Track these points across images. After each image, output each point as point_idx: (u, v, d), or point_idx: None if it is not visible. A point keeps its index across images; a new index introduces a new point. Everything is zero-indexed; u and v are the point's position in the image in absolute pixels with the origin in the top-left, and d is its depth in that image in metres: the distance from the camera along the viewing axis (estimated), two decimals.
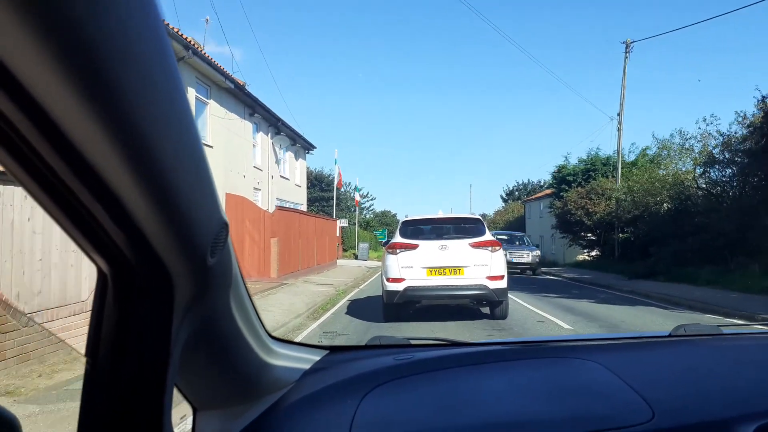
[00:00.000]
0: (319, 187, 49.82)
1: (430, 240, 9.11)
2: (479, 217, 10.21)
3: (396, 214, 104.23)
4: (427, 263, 8.79)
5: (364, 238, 56.58)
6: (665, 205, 21.02)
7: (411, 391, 1.19)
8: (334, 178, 50.31)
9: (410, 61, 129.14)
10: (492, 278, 8.70)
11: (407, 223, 9.76)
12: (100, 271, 0.68)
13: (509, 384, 1.24)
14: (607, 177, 31.16)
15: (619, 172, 27.38)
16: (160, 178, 0.56)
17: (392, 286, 8.83)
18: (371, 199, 75.65)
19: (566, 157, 34.73)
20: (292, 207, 23.07)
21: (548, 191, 39.39)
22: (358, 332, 8.41)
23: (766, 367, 1.33)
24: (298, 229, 20.12)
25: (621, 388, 1.14)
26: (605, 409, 1.09)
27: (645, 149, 30.86)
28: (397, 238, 9.29)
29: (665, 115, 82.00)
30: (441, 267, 8.76)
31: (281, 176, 24.75)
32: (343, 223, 44.17)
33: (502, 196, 77.07)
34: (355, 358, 1.40)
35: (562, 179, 33.65)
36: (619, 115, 27.32)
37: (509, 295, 9.63)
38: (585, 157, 33.82)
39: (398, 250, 9.00)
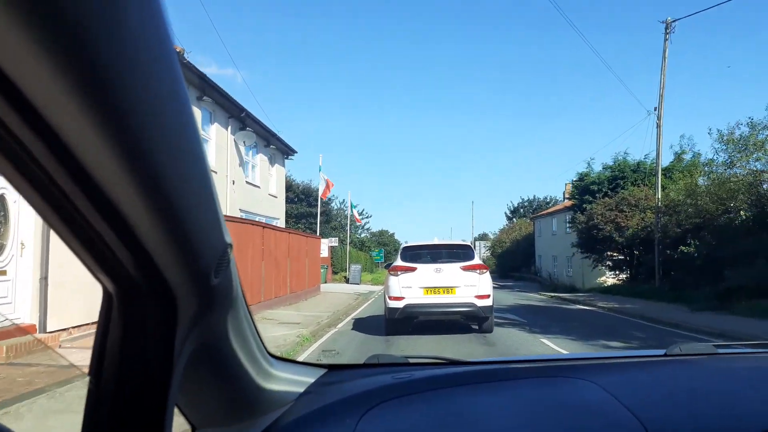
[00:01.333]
0: (307, 201, 44.94)
1: (426, 263, 10.44)
2: (469, 244, 11.85)
3: (394, 233, 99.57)
4: (424, 284, 10.11)
5: (358, 258, 51.72)
6: (741, 213, 16.24)
7: (409, 409, 1.20)
8: (315, 190, 46.49)
9: (413, 78, 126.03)
10: (479, 297, 10.05)
11: (407, 249, 11.17)
12: (105, 291, 0.69)
13: (506, 403, 1.25)
14: (637, 185, 26.58)
15: (659, 177, 22.73)
16: (166, 199, 0.57)
17: (393, 304, 10.15)
18: (367, 217, 71.08)
19: (589, 164, 30.05)
20: (261, 221, 18.40)
21: (566, 204, 34.65)
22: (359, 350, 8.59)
23: (761, 387, 1.32)
24: (261, 247, 15.36)
25: (615, 407, 1.15)
26: (599, 429, 1.11)
27: (681, 153, 26.27)
28: (398, 262, 10.63)
29: (692, 111, 77.23)
30: (436, 287, 10.10)
31: (248, 182, 20.11)
32: (332, 242, 39.39)
33: (506, 214, 73.06)
34: (353, 377, 1.41)
35: (585, 189, 28.91)
36: (656, 109, 22.81)
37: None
38: (611, 163, 29.06)
39: (399, 273, 10.32)
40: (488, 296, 10.19)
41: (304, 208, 43.87)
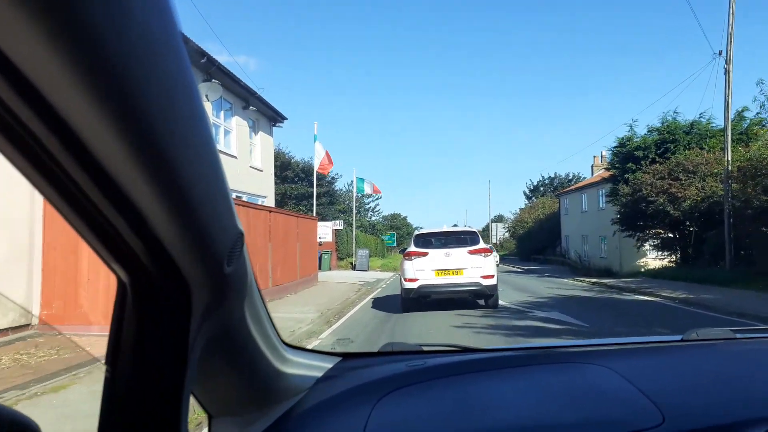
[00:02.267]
0: (309, 181, 40.86)
1: (437, 248, 11.80)
2: (475, 230, 13.04)
3: (406, 216, 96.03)
4: (435, 266, 11.42)
5: (367, 243, 47.75)
6: None
7: (423, 397, 1.20)
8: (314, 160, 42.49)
9: (431, 57, 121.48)
10: (485, 277, 11.35)
11: (419, 236, 12.49)
12: (119, 280, 0.70)
13: (520, 390, 1.25)
14: (691, 149, 22.31)
15: (729, 134, 18.44)
16: (178, 189, 0.58)
17: (409, 285, 11.47)
18: (377, 199, 67.08)
19: (631, 127, 25.53)
20: (247, 200, 14.57)
21: (601, 175, 30.34)
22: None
23: None
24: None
25: (632, 393, 1.15)
26: (615, 414, 1.10)
27: (742, 110, 21.93)
28: (412, 248, 11.97)
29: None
30: (446, 269, 11.40)
31: (222, 152, 16.22)
32: (337, 225, 35.53)
33: (525, 193, 68.97)
34: (367, 365, 1.41)
35: (627, 156, 24.56)
36: (723, 52, 18.45)
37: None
38: (658, 125, 24.61)
39: (413, 257, 11.63)
40: (492, 276, 11.42)
41: (305, 188, 39.80)
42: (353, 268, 33.49)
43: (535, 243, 43.66)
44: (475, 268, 11.32)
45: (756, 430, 1.00)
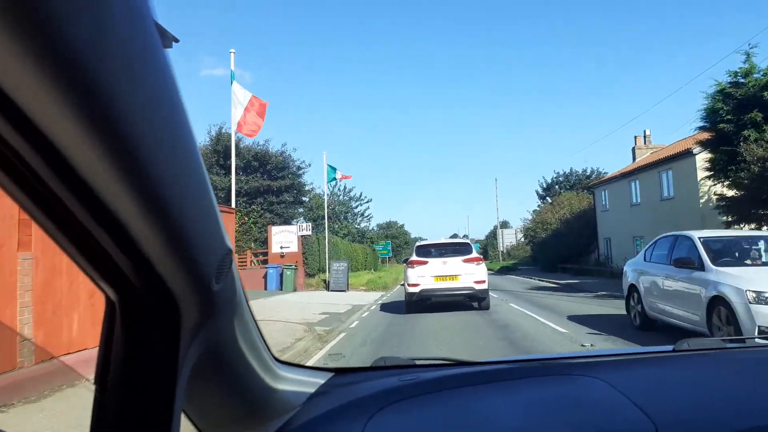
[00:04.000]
0: (265, 171, 31.67)
1: (436, 257, 13.36)
2: (468, 242, 15.34)
3: (403, 225, 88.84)
4: (434, 273, 13.02)
5: (352, 253, 38.71)
6: None
7: (417, 411, 1.20)
8: (288, 158, 33.22)
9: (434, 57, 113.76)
10: (477, 282, 13.02)
11: (420, 247, 14.10)
12: (107, 299, 0.70)
13: (513, 403, 1.25)
14: None
15: None
16: (165, 206, 0.57)
17: (411, 289, 13.12)
18: (367, 202, 58.02)
19: (748, 56, 16.12)
20: None
21: (695, 138, 21.07)
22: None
23: None
24: None
25: (624, 404, 1.15)
26: (608, 426, 1.10)
27: None
28: (414, 257, 13.53)
29: None
30: (443, 275, 13.02)
31: None
32: (304, 229, 26.54)
33: (538, 192, 60.09)
34: (360, 380, 1.41)
35: (745, 102, 15.47)
36: None
37: None
38: None
39: (415, 265, 13.22)
40: (484, 281, 13.14)
41: (259, 180, 30.75)
42: (326, 287, 24.49)
43: (562, 249, 34.53)
44: (469, 274, 12.99)
45: None
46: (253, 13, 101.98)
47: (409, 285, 13.21)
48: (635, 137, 32.55)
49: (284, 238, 25.38)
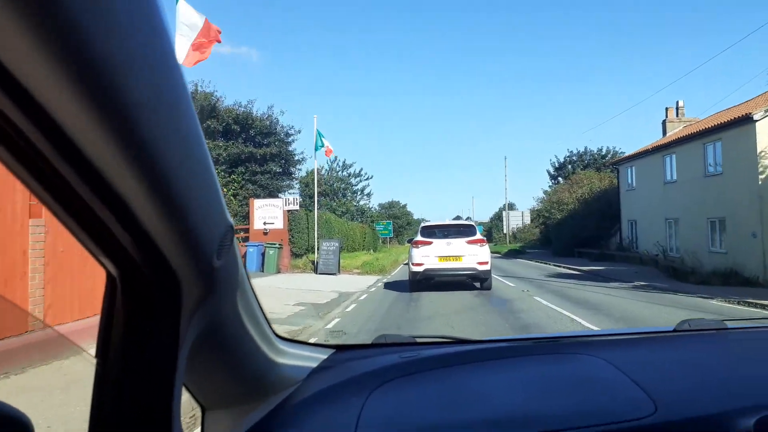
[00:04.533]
0: (248, 137, 27.96)
1: (440, 238, 13.42)
2: (472, 223, 15.90)
3: (406, 204, 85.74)
4: (438, 253, 13.07)
5: (348, 232, 35.57)
6: None
7: (417, 388, 1.20)
8: (275, 123, 29.42)
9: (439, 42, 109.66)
10: (480, 263, 13.08)
11: (425, 228, 14.26)
12: (108, 274, 0.70)
13: (513, 380, 1.25)
14: None
15: None
16: (166, 182, 0.58)
17: (416, 269, 13.22)
18: (367, 178, 54.65)
19: None
20: None
21: (754, 103, 17.77)
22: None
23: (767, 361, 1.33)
24: None
25: (624, 383, 1.15)
26: (608, 404, 1.10)
27: None
28: (419, 237, 13.66)
29: None
30: (447, 256, 13.05)
31: None
32: (291, 203, 23.32)
33: (549, 172, 56.77)
34: (361, 357, 1.41)
35: None
36: None
37: None
38: None
39: (420, 245, 13.30)
40: (487, 262, 13.16)
41: (241, 147, 26.95)
42: (314, 269, 21.34)
43: (580, 231, 31.24)
44: (472, 255, 13.07)
45: (746, 419, 1.02)
46: None
47: (413, 264, 13.36)
48: (666, 109, 29.05)
49: (268, 213, 22.14)
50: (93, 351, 0.73)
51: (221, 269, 0.75)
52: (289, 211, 22.50)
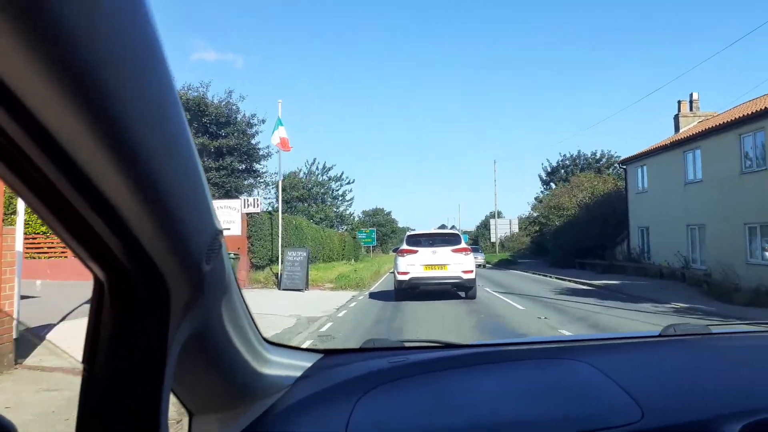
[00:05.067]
0: (201, 126, 23.93)
1: (425, 247, 13.40)
2: (457, 232, 16.02)
3: (390, 212, 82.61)
4: (424, 262, 13.06)
5: (324, 241, 32.09)
6: None
7: (405, 393, 1.20)
8: (234, 111, 25.55)
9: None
10: (465, 272, 13.07)
11: (411, 236, 14.23)
12: (96, 279, 0.70)
13: (501, 385, 1.25)
14: None
15: None
16: (155, 187, 0.57)
17: (401, 277, 13.22)
18: (348, 182, 51.10)
19: None
20: None
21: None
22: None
23: (753, 367, 1.33)
24: None
25: (611, 388, 1.15)
26: (595, 410, 1.10)
27: None
28: (404, 246, 13.62)
29: None
30: (432, 264, 13.03)
31: None
32: (252, 205, 19.68)
33: (541, 177, 54.12)
34: (349, 362, 1.40)
35: None
36: None
37: None
38: None
39: (405, 254, 13.29)
40: (472, 271, 13.19)
41: (192, 136, 23.13)
42: (276, 282, 17.76)
43: (581, 239, 27.98)
44: (457, 264, 13.02)
45: (732, 425, 1.02)
46: None
47: (399, 273, 13.33)
48: (678, 103, 25.99)
49: (223, 216, 18.51)
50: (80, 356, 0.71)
51: (210, 274, 0.74)
52: (248, 214, 18.94)
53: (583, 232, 27.99)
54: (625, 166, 26.64)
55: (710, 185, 18.51)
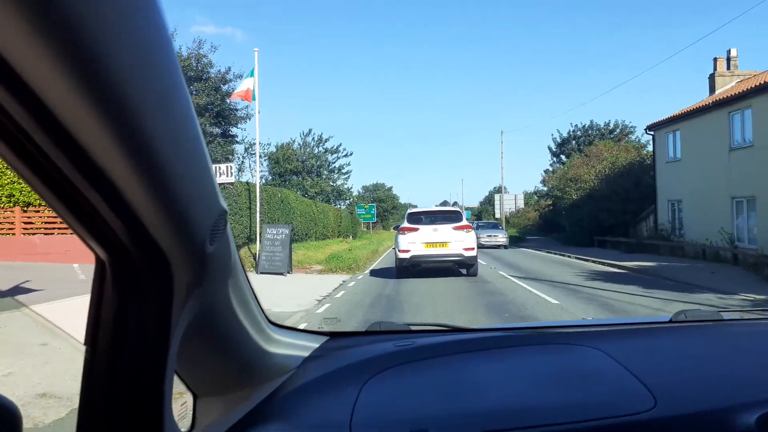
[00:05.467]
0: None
1: (426, 225, 13.12)
2: (458, 209, 15.36)
3: (392, 187, 79.96)
4: (425, 240, 12.77)
5: (313, 215, 29.37)
6: None
7: (412, 377, 1.19)
8: (206, 65, 21.64)
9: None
10: (466, 249, 12.83)
11: (412, 214, 14.01)
12: (98, 259, 0.69)
13: (510, 370, 1.23)
14: None
15: None
16: (158, 166, 0.57)
17: (402, 255, 12.96)
18: (345, 155, 48.21)
19: None
20: None
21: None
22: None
23: (765, 354, 1.31)
24: None
25: (623, 375, 1.14)
26: (608, 397, 1.09)
27: None
28: (405, 224, 13.41)
29: None
30: (434, 242, 12.78)
31: None
32: (224, 173, 16.96)
33: (551, 149, 51.14)
34: (355, 344, 1.38)
35: None
36: None
37: None
38: None
39: (406, 232, 13.04)
40: (473, 248, 12.92)
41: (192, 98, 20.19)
42: (254, 266, 15.09)
43: (602, 215, 25.21)
44: (458, 241, 12.77)
45: (748, 416, 1.00)
46: None
47: (399, 251, 13.09)
48: (714, 60, 22.96)
49: None
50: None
51: (214, 255, 0.73)
52: (221, 185, 16.19)
53: (603, 206, 25.20)
54: (652, 132, 23.72)
55: (763, 150, 15.69)
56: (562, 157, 48.53)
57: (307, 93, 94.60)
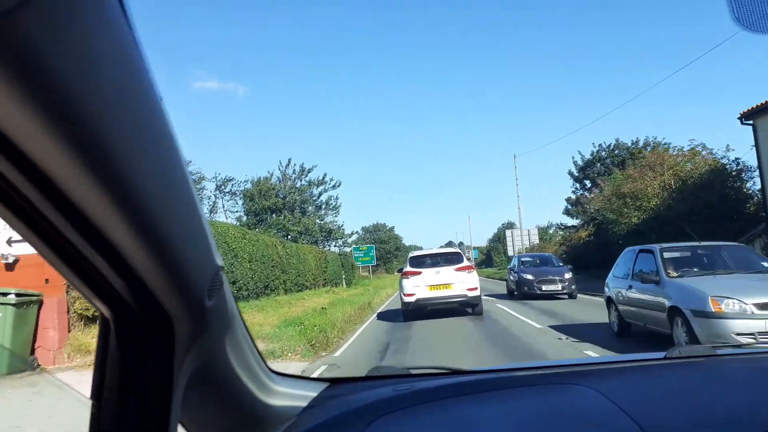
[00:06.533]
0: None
1: (429, 267, 13.53)
2: (459, 251, 15.56)
3: (393, 227, 73.86)
4: (429, 282, 13.17)
5: (285, 259, 21.85)
6: None
7: (411, 422, 1.20)
8: None
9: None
10: (470, 289, 13.19)
11: (414, 258, 14.38)
12: (102, 316, 0.71)
13: (506, 413, 1.25)
14: None
15: None
16: (156, 229, 0.59)
17: (407, 299, 13.31)
18: (333, 186, 41.10)
19: None
20: None
21: None
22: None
23: (760, 390, 1.31)
24: None
25: (615, 413, 1.15)
26: None
27: None
28: (408, 268, 13.76)
29: None
30: (437, 284, 13.16)
31: None
32: None
33: (572, 174, 44.23)
34: (354, 391, 1.41)
35: None
36: None
37: None
38: None
39: (409, 276, 13.40)
40: (476, 288, 13.31)
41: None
42: None
43: (685, 239, 17.91)
44: (461, 282, 13.09)
45: None
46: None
47: (405, 295, 13.42)
48: None
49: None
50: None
51: (212, 309, 0.76)
52: None
53: (681, 230, 17.98)
54: (751, 122, 16.84)
55: None
56: (586, 182, 41.82)
57: (302, 130, 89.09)
